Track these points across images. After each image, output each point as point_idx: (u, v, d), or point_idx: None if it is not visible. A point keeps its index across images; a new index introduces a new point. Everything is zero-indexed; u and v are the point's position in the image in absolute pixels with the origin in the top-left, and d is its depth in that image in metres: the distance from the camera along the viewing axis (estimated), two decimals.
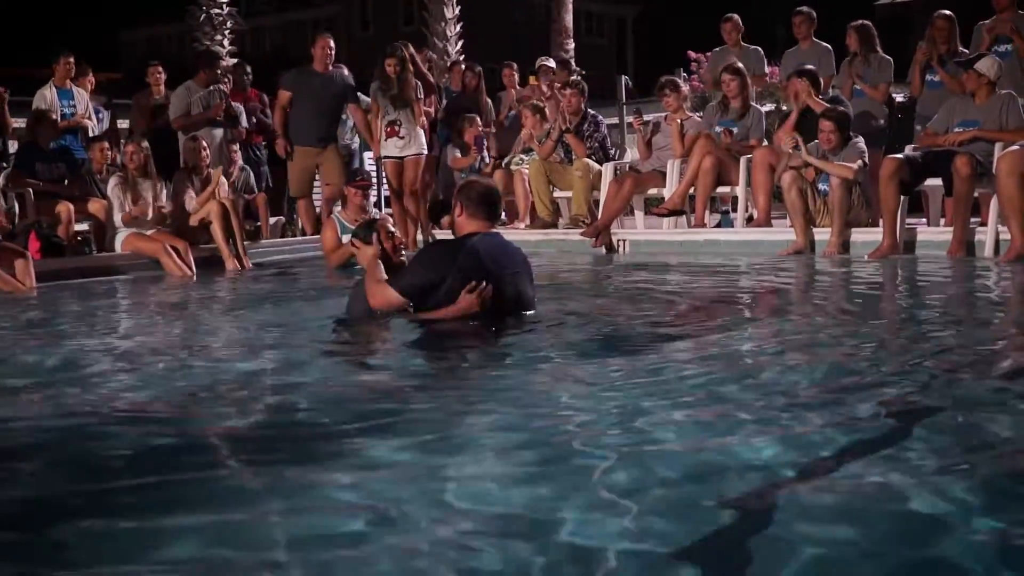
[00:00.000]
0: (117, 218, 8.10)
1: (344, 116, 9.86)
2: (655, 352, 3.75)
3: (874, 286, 6.31)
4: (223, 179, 8.64)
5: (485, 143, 9.90)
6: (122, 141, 9.44)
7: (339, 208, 8.24)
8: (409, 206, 9.18)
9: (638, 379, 3.21)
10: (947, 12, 8.61)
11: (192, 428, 2.80)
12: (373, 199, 10.21)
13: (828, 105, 8.00)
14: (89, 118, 9.60)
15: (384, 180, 10.25)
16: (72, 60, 9.50)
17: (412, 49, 9.69)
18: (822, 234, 7.66)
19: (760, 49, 10.05)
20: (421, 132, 9.16)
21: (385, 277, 4.31)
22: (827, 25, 9.59)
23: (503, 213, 9.52)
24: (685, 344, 3.99)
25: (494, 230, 4.34)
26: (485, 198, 4.27)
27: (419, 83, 9.19)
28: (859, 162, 7.49)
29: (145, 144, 8.36)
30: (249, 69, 10.84)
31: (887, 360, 3.56)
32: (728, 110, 8.82)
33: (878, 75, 8.77)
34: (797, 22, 9.24)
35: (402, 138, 9.04)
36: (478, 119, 9.88)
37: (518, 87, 10.80)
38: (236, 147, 9.70)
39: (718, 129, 8.69)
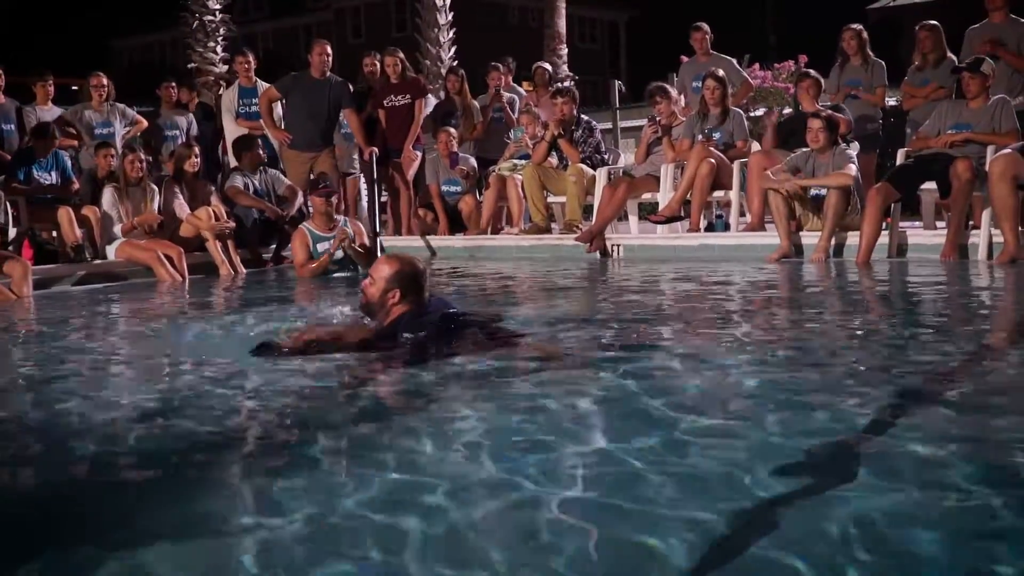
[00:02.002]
0: (116, 229, 8.10)
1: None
2: (649, 358, 3.74)
3: (872, 290, 6.32)
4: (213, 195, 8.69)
5: (458, 161, 9.74)
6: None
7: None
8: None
9: (630, 385, 3.21)
10: (931, 23, 8.65)
11: (179, 433, 2.79)
12: (368, 205, 10.21)
13: (820, 107, 8.10)
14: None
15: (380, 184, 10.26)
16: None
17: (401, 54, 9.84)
18: (812, 238, 7.67)
19: (732, 59, 9.97)
20: None
21: None
22: (820, 29, 9.59)
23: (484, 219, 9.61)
24: (680, 350, 3.99)
25: (417, 308, 3.98)
26: (420, 283, 4.01)
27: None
28: (851, 167, 7.51)
29: (143, 154, 8.39)
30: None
31: (881, 365, 3.56)
32: (708, 118, 8.84)
33: (872, 79, 8.80)
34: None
35: None
36: (451, 131, 9.80)
37: (503, 89, 10.71)
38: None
39: (699, 138, 8.71)
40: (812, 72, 8.74)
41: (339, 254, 7.69)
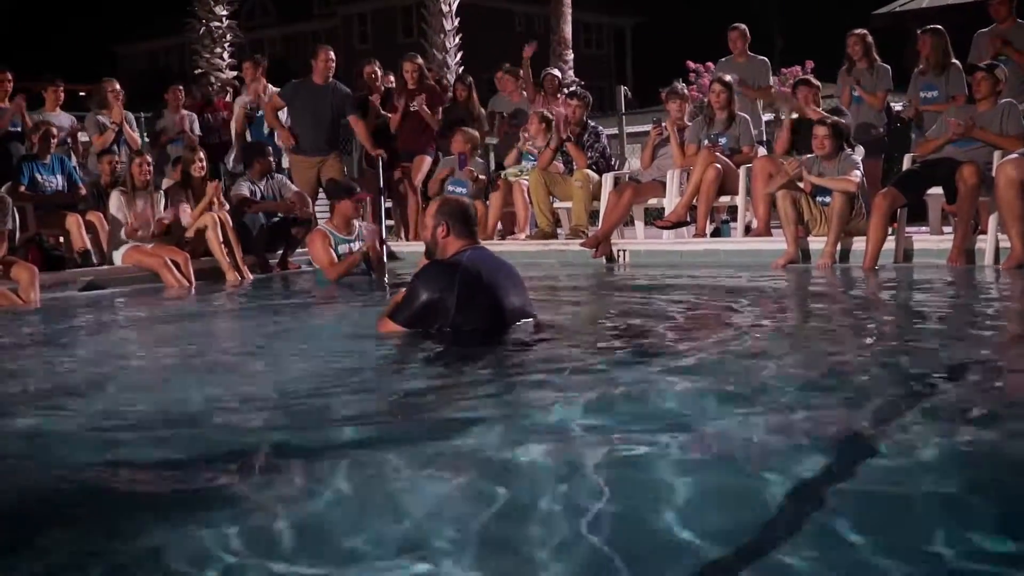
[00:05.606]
0: (121, 232, 8.12)
1: None
2: (657, 363, 3.74)
3: (884, 296, 6.31)
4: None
5: (466, 162, 9.69)
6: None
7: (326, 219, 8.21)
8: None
9: (639, 391, 3.20)
10: (934, 27, 8.62)
11: (194, 437, 2.80)
12: (374, 210, 10.20)
13: (824, 114, 8.08)
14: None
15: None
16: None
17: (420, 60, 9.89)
18: (818, 243, 7.66)
19: (767, 60, 9.96)
20: None
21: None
22: (825, 34, 9.61)
23: (495, 224, 9.61)
24: (687, 355, 3.98)
25: (478, 245, 4.34)
26: (467, 216, 4.30)
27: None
28: (856, 173, 7.51)
29: (150, 158, 8.43)
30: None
31: (884, 371, 3.56)
32: (714, 123, 8.83)
33: (877, 83, 8.80)
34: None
35: None
36: (468, 131, 9.76)
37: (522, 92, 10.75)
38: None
39: (705, 143, 8.70)
40: (812, 80, 8.85)
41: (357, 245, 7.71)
